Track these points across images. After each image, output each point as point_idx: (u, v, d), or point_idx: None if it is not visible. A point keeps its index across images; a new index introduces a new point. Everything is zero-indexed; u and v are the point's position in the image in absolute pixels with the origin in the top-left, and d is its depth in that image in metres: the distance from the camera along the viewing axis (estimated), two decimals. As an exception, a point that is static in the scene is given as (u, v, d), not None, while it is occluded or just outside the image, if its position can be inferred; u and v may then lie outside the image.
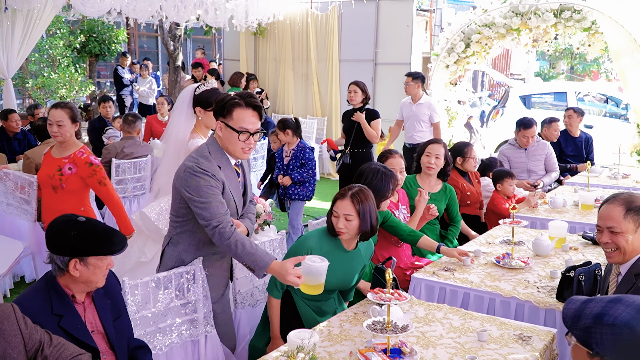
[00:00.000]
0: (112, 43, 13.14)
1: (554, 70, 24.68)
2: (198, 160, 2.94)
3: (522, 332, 2.81)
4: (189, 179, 2.90)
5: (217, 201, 2.89)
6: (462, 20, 9.32)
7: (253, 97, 3.00)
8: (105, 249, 2.43)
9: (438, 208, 4.76)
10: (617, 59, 8.21)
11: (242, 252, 2.82)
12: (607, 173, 7.06)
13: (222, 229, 2.84)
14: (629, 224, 2.69)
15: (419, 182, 4.85)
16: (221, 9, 9.33)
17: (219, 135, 3.01)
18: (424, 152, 4.84)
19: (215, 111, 3.02)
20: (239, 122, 2.95)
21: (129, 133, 6.41)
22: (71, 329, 2.39)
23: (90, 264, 2.42)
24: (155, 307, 3.04)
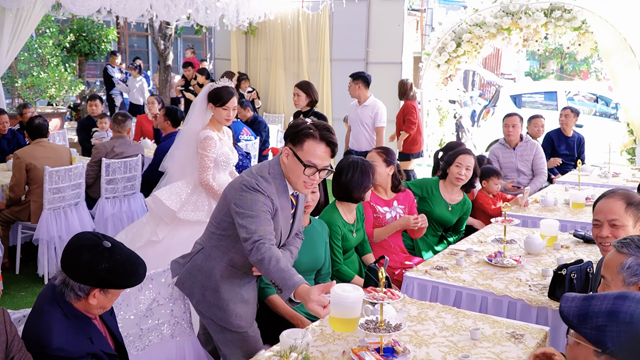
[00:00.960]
0: (101, 42, 13.07)
1: (544, 70, 24.81)
2: (258, 179, 2.75)
3: (515, 330, 2.81)
4: (243, 192, 2.72)
5: (266, 219, 2.70)
6: (453, 19, 9.35)
7: (330, 132, 2.77)
8: (131, 282, 2.36)
9: (450, 220, 4.69)
10: (607, 59, 8.26)
11: (275, 268, 2.54)
12: (597, 172, 7.10)
13: (262, 243, 2.61)
14: (629, 218, 2.71)
15: (441, 189, 4.69)
16: (212, 7, 9.31)
17: (283, 161, 2.80)
18: (454, 162, 4.62)
19: (287, 135, 2.81)
20: (308, 155, 2.72)
21: (119, 132, 6.37)
22: (101, 346, 2.35)
23: (110, 292, 2.32)
24: (137, 308, 3.01)
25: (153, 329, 3.11)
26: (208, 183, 4.19)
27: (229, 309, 2.94)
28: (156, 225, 4.30)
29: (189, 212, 4.18)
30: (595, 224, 2.83)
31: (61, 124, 11.07)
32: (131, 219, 6.22)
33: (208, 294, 2.96)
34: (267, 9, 10.14)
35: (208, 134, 4.17)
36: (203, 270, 2.96)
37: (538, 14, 8.31)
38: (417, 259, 4.27)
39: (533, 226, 4.86)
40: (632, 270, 2.16)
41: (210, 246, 2.97)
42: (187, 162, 4.31)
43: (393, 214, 4.34)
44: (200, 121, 4.26)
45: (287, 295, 2.47)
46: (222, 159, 4.25)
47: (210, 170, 4.20)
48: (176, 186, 4.28)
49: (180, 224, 4.20)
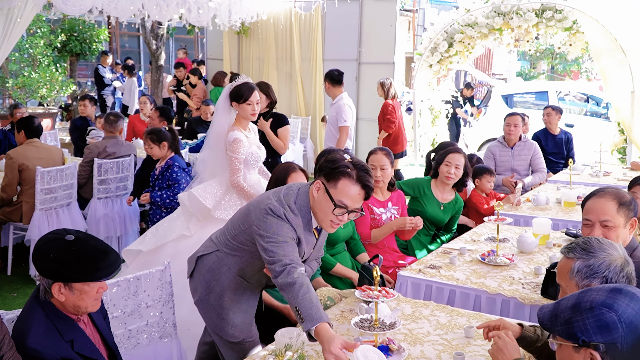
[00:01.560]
0: (93, 42, 13.01)
1: (535, 70, 24.93)
2: (286, 209, 2.63)
3: (508, 328, 2.82)
4: (268, 217, 2.61)
5: (293, 245, 2.59)
6: (445, 20, 9.39)
7: (368, 174, 2.62)
8: (89, 275, 2.23)
9: (442, 219, 4.71)
10: (598, 58, 8.31)
11: (304, 296, 2.39)
12: (588, 171, 7.15)
13: (293, 267, 2.48)
14: (621, 219, 2.70)
15: (433, 188, 4.72)
16: (204, 7, 9.28)
17: (313, 194, 2.67)
18: (444, 161, 4.65)
19: (322, 168, 2.67)
20: (340, 195, 2.59)
21: (111, 132, 6.35)
22: (85, 351, 2.29)
23: (75, 288, 2.22)
24: (125, 309, 3.01)
25: (142, 331, 3.12)
26: (239, 184, 4.26)
27: (227, 318, 2.90)
28: (188, 221, 4.37)
29: (223, 211, 4.25)
30: (586, 224, 2.80)
31: (52, 124, 11.01)
32: (123, 220, 6.21)
33: (212, 297, 2.91)
34: (259, 9, 10.12)
35: (236, 136, 4.21)
36: (213, 272, 2.91)
37: (529, 14, 8.36)
38: (410, 259, 4.28)
39: (525, 225, 4.89)
40: (582, 273, 2.14)
41: (225, 252, 2.89)
42: (217, 164, 4.38)
43: (388, 215, 4.36)
44: (225, 122, 4.33)
45: (308, 327, 2.32)
46: (251, 158, 4.34)
47: (241, 172, 4.27)
48: (210, 185, 4.35)
49: (211, 220, 4.26)
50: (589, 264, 2.14)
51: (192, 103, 10.76)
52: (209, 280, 2.92)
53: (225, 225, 2.97)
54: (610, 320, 1.67)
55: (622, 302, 1.69)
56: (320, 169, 2.69)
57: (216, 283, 2.90)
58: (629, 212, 2.73)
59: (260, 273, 2.86)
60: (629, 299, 1.70)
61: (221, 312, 2.90)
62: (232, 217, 2.95)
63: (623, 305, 1.68)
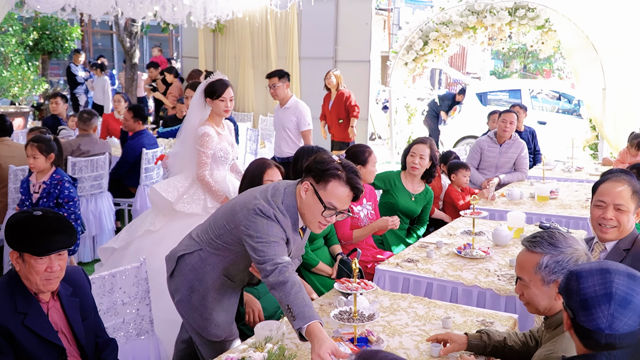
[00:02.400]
0: (65, 40, 12.84)
1: (508, 69, 25.20)
2: (275, 210, 2.60)
3: (485, 318, 2.87)
4: (257, 217, 2.57)
5: (283, 245, 2.57)
6: (420, 18, 9.47)
7: (357, 176, 2.62)
8: (31, 247, 2.29)
9: (415, 210, 4.78)
10: (570, 56, 8.46)
11: (295, 294, 2.38)
12: (561, 166, 7.28)
13: (285, 267, 2.46)
14: (632, 205, 2.75)
15: (403, 180, 4.79)
16: (179, 5, 9.22)
17: (301, 195, 2.64)
18: (409, 152, 4.75)
19: (310, 170, 2.64)
20: (329, 197, 2.58)
21: (84, 130, 6.28)
22: (36, 327, 2.32)
23: (25, 261, 2.32)
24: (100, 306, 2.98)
25: (119, 329, 3.09)
26: (204, 179, 4.25)
27: (210, 318, 2.86)
28: (155, 216, 4.39)
29: (185, 205, 4.25)
30: (599, 205, 2.80)
31: (24, 123, 10.84)
32: (99, 219, 6.14)
33: (194, 297, 2.85)
34: (234, 7, 10.08)
35: (205, 130, 4.23)
36: (196, 271, 2.85)
37: (502, 13, 8.47)
38: (388, 253, 4.31)
39: (500, 219, 4.96)
40: (550, 268, 2.15)
41: (209, 251, 2.82)
42: (185, 158, 4.40)
43: (365, 212, 4.39)
44: (198, 117, 4.34)
45: (299, 325, 2.30)
46: (220, 154, 4.31)
47: (207, 166, 4.27)
48: (174, 179, 4.39)
49: (177, 215, 4.27)
50: (557, 259, 2.15)
51: (168, 102, 10.68)
52: (192, 280, 2.86)
53: (206, 224, 2.91)
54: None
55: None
56: (308, 170, 2.65)
57: (199, 283, 2.84)
58: (639, 201, 2.78)
59: (244, 272, 2.84)
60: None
61: (204, 312, 2.85)
62: (215, 215, 2.89)
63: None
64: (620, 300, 1.66)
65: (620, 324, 1.65)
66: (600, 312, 1.66)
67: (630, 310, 1.65)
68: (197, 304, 2.85)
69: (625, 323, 1.65)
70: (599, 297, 1.67)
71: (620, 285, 1.67)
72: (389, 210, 4.68)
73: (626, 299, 1.66)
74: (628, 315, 1.65)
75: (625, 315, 1.65)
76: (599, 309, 1.66)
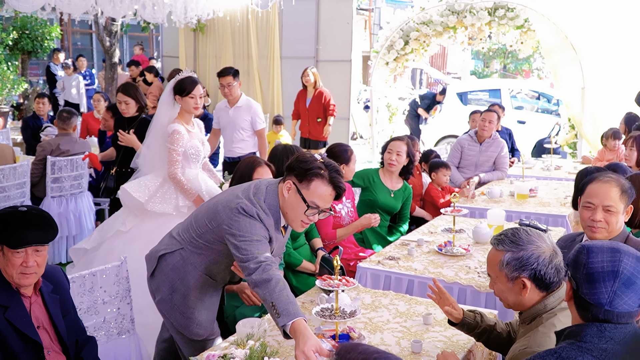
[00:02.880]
0: (45, 40, 12.71)
1: (488, 69, 25.42)
2: (258, 209, 2.59)
3: (465, 314, 2.89)
4: (240, 216, 2.56)
5: (266, 244, 2.57)
6: (401, 18, 9.52)
7: (340, 175, 2.63)
8: (6, 238, 2.32)
9: (395, 206, 4.82)
10: (549, 56, 8.55)
11: (280, 292, 2.37)
12: (540, 165, 7.37)
13: (268, 265, 2.45)
14: (622, 205, 2.74)
15: (381, 177, 4.84)
16: (159, 4, 9.15)
17: (283, 194, 2.63)
18: (387, 149, 4.81)
19: (293, 168, 2.63)
20: (313, 196, 2.59)
21: (64, 130, 6.21)
22: (16, 321, 2.32)
23: (5, 253, 2.34)
24: (80, 305, 2.97)
25: (100, 328, 3.07)
26: (176, 177, 4.19)
27: (192, 317, 2.84)
28: (126, 217, 4.34)
29: (156, 204, 4.19)
30: (588, 207, 2.78)
31: (4, 123, 10.70)
32: (79, 219, 6.10)
33: (176, 297, 2.84)
34: (215, 6, 10.03)
35: (175, 128, 4.17)
36: (178, 270, 2.82)
37: (482, 13, 8.54)
38: (370, 251, 4.33)
39: (480, 217, 5.00)
40: (511, 266, 2.18)
41: (190, 250, 2.81)
42: (155, 156, 4.33)
43: (345, 210, 4.41)
44: (167, 115, 4.28)
45: (284, 322, 2.29)
46: (191, 151, 4.25)
47: (179, 164, 4.20)
48: (145, 179, 4.32)
49: (148, 216, 4.22)
50: (518, 256, 2.17)
51: (149, 101, 10.60)
52: (173, 280, 2.84)
53: (187, 222, 2.89)
54: None
55: None
56: (290, 169, 2.64)
57: (181, 282, 2.82)
58: (628, 200, 2.78)
59: (226, 271, 2.84)
60: None
61: (186, 311, 2.83)
62: (196, 214, 2.87)
63: None
64: (625, 280, 1.72)
65: (620, 302, 1.72)
66: (604, 287, 1.72)
67: (632, 291, 1.72)
68: (179, 304, 2.84)
69: (626, 302, 1.72)
70: (605, 273, 1.73)
71: (628, 266, 1.73)
72: (368, 207, 4.71)
73: (631, 279, 1.72)
74: (629, 295, 1.72)
75: (627, 295, 1.72)
76: (603, 284, 1.73)
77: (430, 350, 2.55)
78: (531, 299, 2.21)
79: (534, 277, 2.16)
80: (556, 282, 2.19)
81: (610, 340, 1.72)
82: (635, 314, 1.74)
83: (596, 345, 1.72)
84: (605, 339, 1.72)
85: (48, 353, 2.44)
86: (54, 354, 2.47)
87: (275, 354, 2.22)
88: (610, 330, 1.73)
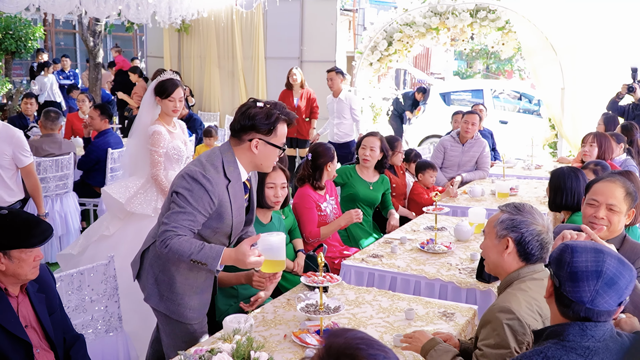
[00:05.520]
0: (28, 40, 12.63)
1: (471, 70, 25.62)
2: (205, 168, 2.71)
3: (446, 309, 2.98)
4: (183, 182, 2.68)
5: (193, 216, 2.65)
6: (384, 19, 9.59)
7: (285, 108, 2.81)
8: (25, 242, 2.39)
9: (376, 197, 4.99)
10: (530, 57, 8.68)
11: (190, 247, 2.57)
12: (521, 164, 7.49)
13: (169, 237, 2.60)
14: (625, 206, 2.80)
15: (359, 172, 5.00)
16: (143, 4, 9.14)
17: (252, 151, 2.75)
18: (361, 145, 4.99)
19: (255, 126, 2.72)
20: (280, 139, 2.78)
21: (51, 130, 6.22)
22: (4, 322, 2.36)
23: (14, 257, 2.39)
24: (67, 304, 3.01)
25: (88, 325, 3.11)
26: (158, 178, 4.21)
27: (183, 302, 2.86)
28: (110, 220, 4.35)
29: (136, 205, 4.20)
30: (592, 204, 2.84)
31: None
32: (64, 219, 6.10)
33: (162, 288, 2.87)
34: (200, 6, 10.04)
35: (156, 129, 4.18)
36: (157, 262, 2.87)
37: (464, 15, 8.65)
38: (354, 249, 4.41)
39: (462, 215, 5.10)
40: (504, 224, 2.36)
41: None
42: (138, 158, 4.34)
43: (330, 208, 4.48)
44: (149, 116, 4.28)
45: (215, 266, 2.53)
46: (173, 152, 4.26)
47: (161, 165, 4.21)
48: (127, 180, 4.37)
49: (131, 219, 4.23)
50: (513, 218, 2.35)
51: (133, 102, 10.60)
52: (155, 272, 2.87)
53: (159, 216, 2.93)
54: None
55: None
56: (253, 128, 2.72)
57: (163, 273, 2.86)
58: (632, 202, 2.84)
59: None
60: None
61: (176, 298, 2.86)
62: (163, 203, 2.94)
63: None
64: (607, 280, 1.78)
65: (601, 301, 1.78)
66: (587, 286, 1.79)
67: (613, 291, 1.78)
68: (167, 293, 2.86)
69: (607, 301, 1.78)
70: (589, 272, 1.80)
71: (611, 267, 1.80)
72: (350, 202, 4.84)
73: (613, 279, 1.79)
74: (610, 295, 1.78)
75: (608, 294, 1.78)
76: (586, 283, 1.79)
77: (412, 344, 2.62)
78: (509, 264, 2.36)
79: (519, 241, 2.32)
80: (537, 256, 2.33)
81: (591, 339, 1.79)
82: (613, 312, 1.81)
83: (579, 344, 1.78)
84: (587, 337, 1.79)
85: (37, 352, 2.48)
86: (43, 352, 2.51)
87: (261, 348, 2.28)
88: (591, 328, 1.79)
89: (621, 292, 1.79)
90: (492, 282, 3.29)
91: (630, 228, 3.14)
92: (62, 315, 2.68)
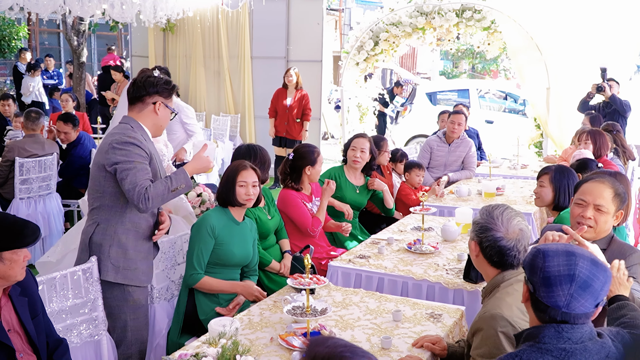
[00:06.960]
0: (12, 39, 12.50)
1: (457, 70, 25.73)
2: (124, 132, 2.99)
3: (434, 310, 2.96)
4: (116, 150, 2.92)
5: (144, 167, 2.94)
6: (370, 19, 9.58)
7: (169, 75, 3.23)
8: (18, 242, 2.37)
9: (361, 201, 4.96)
10: (515, 57, 8.70)
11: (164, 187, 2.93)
12: (507, 164, 7.52)
13: (145, 190, 2.87)
14: (613, 207, 2.79)
15: (346, 174, 4.97)
16: (128, 3, 9.05)
17: (156, 114, 3.13)
18: (350, 146, 4.94)
19: (159, 91, 3.13)
20: (171, 102, 3.25)
21: (32, 130, 6.14)
22: None
23: (5, 258, 2.36)
24: (50, 308, 2.96)
25: (72, 329, 3.06)
26: None
27: (137, 267, 3.09)
28: None
29: None
30: (580, 204, 2.84)
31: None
32: (47, 220, 6.03)
33: (116, 261, 3.05)
34: (185, 6, 9.96)
35: None
36: (106, 242, 3.04)
37: (450, 14, 8.66)
38: (341, 250, 4.39)
39: (449, 215, 5.09)
40: (474, 227, 2.44)
41: (105, 216, 3.05)
42: None
43: (315, 209, 4.46)
44: None
45: (189, 182, 3.01)
46: None
47: None
48: None
49: None
50: (479, 222, 2.44)
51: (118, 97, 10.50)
52: (107, 250, 3.04)
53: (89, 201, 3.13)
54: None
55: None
56: (156, 92, 3.11)
57: (117, 246, 3.04)
58: (620, 204, 2.82)
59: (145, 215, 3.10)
60: None
61: (131, 265, 3.07)
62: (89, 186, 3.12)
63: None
64: (581, 283, 1.76)
65: (577, 304, 1.76)
66: (561, 290, 1.77)
67: (588, 294, 1.77)
68: (122, 263, 3.06)
69: (582, 305, 1.76)
70: (562, 276, 1.78)
71: (584, 269, 1.78)
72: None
73: (587, 282, 1.77)
74: (586, 298, 1.77)
75: (584, 297, 1.76)
76: (560, 287, 1.77)
77: (399, 346, 2.61)
78: (485, 268, 2.44)
79: (481, 246, 2.39)
80: (496, 261, 2.38)
81: (568, 341, 1.77)
82: (591, 314, 1.80)
83: (555, 346, 1.77)
84: (563, 339, 1.78)
85: (20, 356, 2.44)
86: (26, 357, 2.47)
87: (248, 352, 2.25)
88: (568, 330, 1.78)
89: (597, 294, 1.78)
90: (480, 283, 3.29)
91: (617, 228, 3.14)
92: (44, 319, 2.64)
